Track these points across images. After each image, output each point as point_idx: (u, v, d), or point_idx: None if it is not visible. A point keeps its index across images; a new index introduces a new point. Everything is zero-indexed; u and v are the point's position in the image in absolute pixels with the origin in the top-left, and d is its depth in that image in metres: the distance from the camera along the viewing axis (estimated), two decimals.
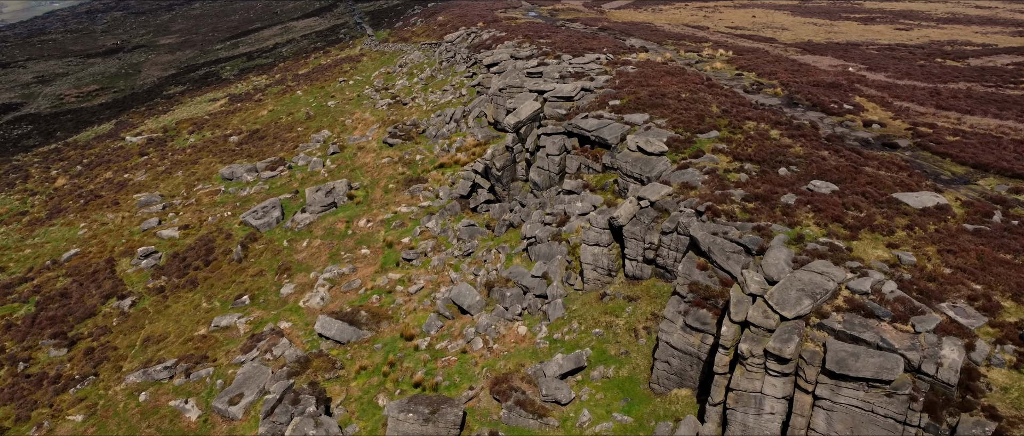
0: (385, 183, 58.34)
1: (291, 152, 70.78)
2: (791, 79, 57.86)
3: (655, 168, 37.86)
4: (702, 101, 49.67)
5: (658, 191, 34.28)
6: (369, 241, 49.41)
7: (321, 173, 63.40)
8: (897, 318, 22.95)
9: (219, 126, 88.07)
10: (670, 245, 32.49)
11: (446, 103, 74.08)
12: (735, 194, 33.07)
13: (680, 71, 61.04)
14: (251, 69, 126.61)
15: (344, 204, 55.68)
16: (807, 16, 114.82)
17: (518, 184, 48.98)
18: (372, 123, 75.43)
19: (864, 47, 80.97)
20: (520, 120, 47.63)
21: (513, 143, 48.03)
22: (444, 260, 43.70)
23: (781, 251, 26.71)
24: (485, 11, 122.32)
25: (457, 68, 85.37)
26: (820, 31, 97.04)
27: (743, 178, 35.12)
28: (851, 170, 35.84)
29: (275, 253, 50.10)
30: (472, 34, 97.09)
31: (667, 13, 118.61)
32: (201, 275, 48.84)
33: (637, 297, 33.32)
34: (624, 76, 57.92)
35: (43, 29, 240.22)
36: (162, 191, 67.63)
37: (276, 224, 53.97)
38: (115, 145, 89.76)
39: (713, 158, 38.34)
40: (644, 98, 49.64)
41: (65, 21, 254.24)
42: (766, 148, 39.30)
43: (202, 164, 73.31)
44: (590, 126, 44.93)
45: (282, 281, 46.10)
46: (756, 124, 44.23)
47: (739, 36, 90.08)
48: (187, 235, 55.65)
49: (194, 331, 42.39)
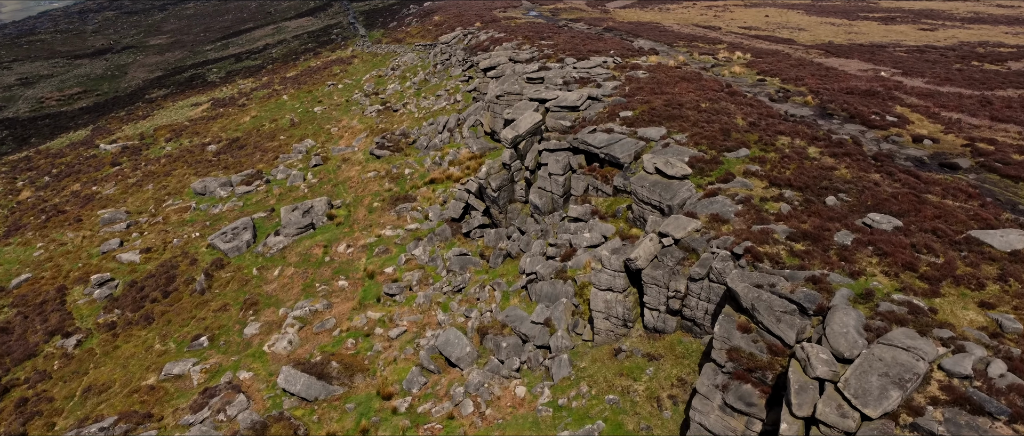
0: (370, 201, 52.62)
1: (271, 164, 65.08)
2: (821, 85, 52.07)
3: (677, 195, 32.14)
4: (725, 112, 43.93)
5: (683, 226, 28.53)
6: (348, 270, 43.69)
7: (301, 188, 57.66)
8: (1017, 417, 17.24)
9: (198, 133, 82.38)
10: (700, 294, 26.76)
11: (439, 110, 68.37)
12: (778, 231, 27.35)
13: (696, 76, 55.26)
14: (238, 71, 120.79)
15: (323, 225, 49.98)
16: (823, 16, 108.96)
17: (517, 206, 43.23)
18: (359, 131, 69.72)
19: (891, 49, 75.09)
20: (519, 134, 41.89)
21: (511, 160, 42.30)
22: (431, 297, 37.95)
23: (848, 314, 20.99)
24: (483, 10, 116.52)
25: (452, 72, 79.63)
26: (839, 32, 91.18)
27: (784, 209, 29.39)
28: (913, 199, 30.08)
29: (242, 283, 44.38)
30: (469, 35, 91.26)
31: (675, 12, 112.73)
32: (158, 309, 43.13)
33: (659, 356, 27.58)
34: (635, 82, 52.20)
35: (33, 29, 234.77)
36: (129, 206, 61.96)
37: (246, 248, 48.26)
38: (88, 153, 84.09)
39: (745, 182, 32.62)
40: (659, 108, 43.92)
41: (56, 21, 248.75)
42: (807, 170, 33.55)
43: (175, 176, 67.63)
44: (599, 142, 39.25)
45: (247, 318, 40.37)
46: (790, 140, 38.48)
47: (754, 37, 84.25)
48: (148, 260, 49.96)
49: (142, 380, 36.67)
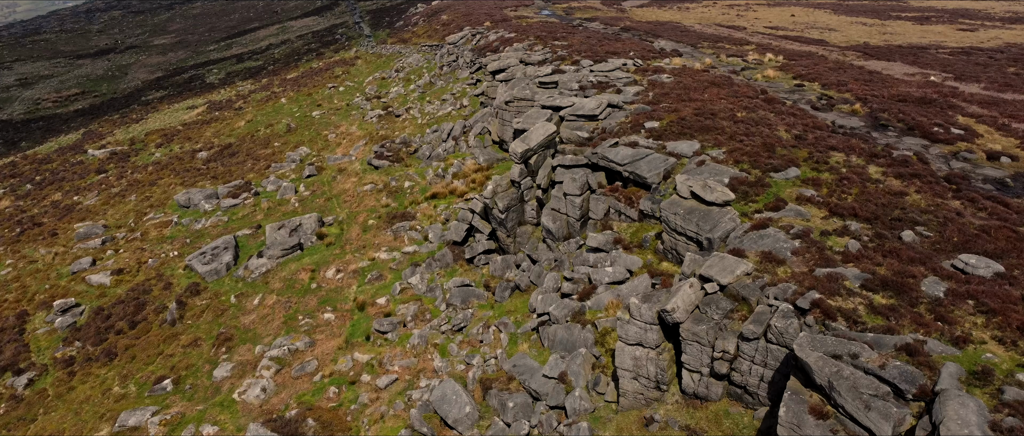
0: (364, 218, 47.65)
1: (261, 174, 60.28)
2: (867, 92, 46.59)
3: (718, 225, 26.91)
4: (765, 122, 38.60)
5: (731, 269, 23.29)
6: (336, 300, 38.71)
7: (291, 202, 52.79)
8: None
9: (190, 139, 77.82)
10: (754, 357, 21.51)
11: (444, 116, 63.34)
12: (849, 277, 22.07)
13: (727, 81, 49.92)
14: (239, 73, 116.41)
15: (312, 246, 45.06)
16: (852, 15, 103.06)
17: (527, 230, 38.09)
18: (358, 138, 64.83)
19: (933, 51, 69.33)
20: (530, 148, 36.74)
21: (521, 177, 37.16)
22: (427, 337, 32.87)
23: (965, 405, 15.71)
24: (493, 9, 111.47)
25: (459, 74, 74.60)
26: (872, 32, 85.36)
27: (853, 247, 24.09)
28: (1009, 235, 24.66)
29: (218, 313, 39.51)
30: (478, 35, 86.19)
31: (695, 12, 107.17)
32: (122, 342, 38.35)
33: (702, 431, 22.35)
34: (659, 87, 46.95)
35: (39, 29, 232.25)
36: (109, 219, 57.36)
37: (226, 272, 43.41)
38: (75, 159, 79.75)
39: (800, 211, 27.34)
40: (689, 118, 38.65)
41: (62, 20, 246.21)
42: (872, 196, 28.21)
43: (160, 186, 63.02)
44: (622, 158, 34.05)
45: (219, 357, 35.47)
46: (845, 156, 33.10)
47: (783, 37, 78.66)
48: (120, 282, 45.24)
49: (95, 431, 31.85)
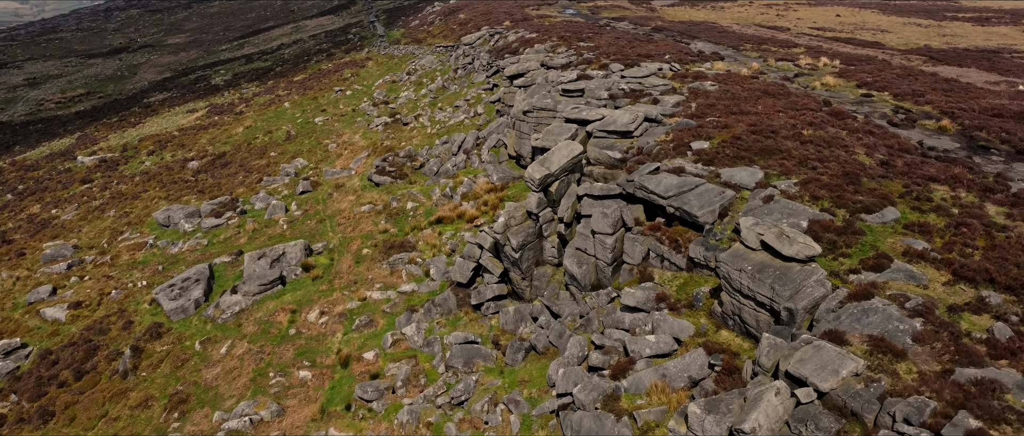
0: (359, 246, 41.32)
1: (252, 188, 54.27)
2: (952, 104, 39.23)
3: (801, 290, 19.99)
4: (838, 142, 31.50)
5: (832, 367, 16.40)
6: (316, 352, 32.35)
7: (279, 223, 46.66)
8: None
9: (184, 146, 72.28)
10: None
11: (456, 125, 56.89)
12: (1009, 386, 15.18)
13: (781, 89, 42.83)
14: (245, 74, 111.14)
15: (296, 279, 38.80)
16: (903, 15, 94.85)
17: (546, 270, 31.41)
18: (361, 149, 58.63)
19: (1007, 55, 61.43)
20: (550, 173, 30.08)
21: (539, 208, 30.49)
22: (419, 413, 26.31)
23: None
24: (514, 8, 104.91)
25: (474, 78, 68.15)
26: (930, 33, 77.36)
27: (1001, 333, 17.12)
28: None
29: (178, 363, 33.34)
30: (496, 35, 79.64)
31: (730, 11, 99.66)
32: (63, 398, 32.34)
33: None
34: (702, 96, 40.03)
35: (56, 27, 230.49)
36: (82, 238, 51.76)
37: (194, 310, 37.28)
38: (64, 166, 74.65)
39: (911, 271, 20.37)
40: (745, 137, 31.68)
41: (80, 19, 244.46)
42: (1006, 251, 21.09)
43: (143, 200, 57.35)
44: (665, 188, 27.24)
45: (169, 424, 29.27)
46: (951, 191, 25.97)
47: (832, 39, 71.08)
48: (77, 318, 39.36)
49: None
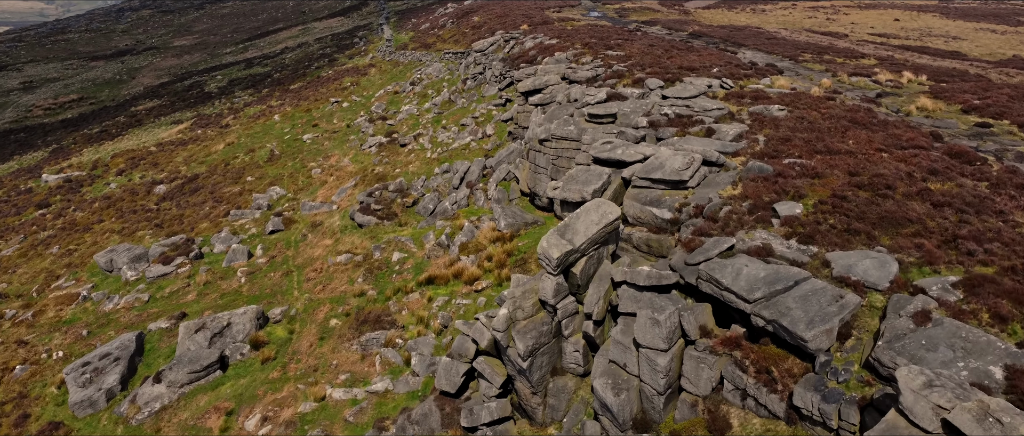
0: (327, 314, 32.38)
1: (216, 223, 45.67)
2: None
3: None
4: (986, 205, 21.72)
5: None
6: None
7: (236, 275, 37.88)
8: None
9: (157, 164, 64.04)
10: None
11: (460, 148, 47.87)
12: None
13: (871, 117, 33.15)
14: (241, 81, 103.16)
15: (241, 361, 29.95)
16: (970, 20, 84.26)
17: (565, 383, 22.13)
18: (349, 176, 49.82)
19: None
20: (574, 248, 20.79)
21: (557, 297, 21.24)
22: None
23: None
24: (532, 10, 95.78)
25: (485, 91, 59.11)
26: (1012, 41, 67.02)
27: None
28: None
29: None
30: (511, 41, 70.50)
31: (774, 14, 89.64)
32: None
33: None
34: (771, 125, 30.51)
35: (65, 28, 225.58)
36: (13, 281, 43.60)
37: (106, 403, 28.58)
38: (25, 186, 66.83)
39: None
40: (849, 194, 22.00)
41: (91, 19, 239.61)
42: None
43: (95, 232, 49.04)
44: (747, 284, 17.58)
45: None
46: None
47: (901, 48, 61.06)
48: None
49: None
